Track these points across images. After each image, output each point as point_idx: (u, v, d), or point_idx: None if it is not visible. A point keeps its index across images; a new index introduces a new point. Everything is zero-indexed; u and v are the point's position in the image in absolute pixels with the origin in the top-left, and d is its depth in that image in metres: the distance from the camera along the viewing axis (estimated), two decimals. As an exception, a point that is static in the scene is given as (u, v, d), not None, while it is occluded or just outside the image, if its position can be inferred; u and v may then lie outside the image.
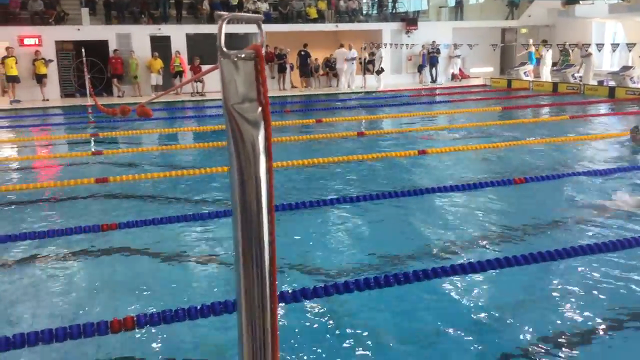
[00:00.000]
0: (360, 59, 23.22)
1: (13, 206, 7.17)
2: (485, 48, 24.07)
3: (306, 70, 23.05)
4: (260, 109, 0.87)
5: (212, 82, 21.24)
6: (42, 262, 5.27)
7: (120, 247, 5.48)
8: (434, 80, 24.13)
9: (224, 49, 0.84)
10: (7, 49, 19.27)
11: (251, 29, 23.12)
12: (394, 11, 25.83)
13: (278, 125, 13.24)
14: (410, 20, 24.74)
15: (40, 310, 4.39)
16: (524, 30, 26.18)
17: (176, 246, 5.57)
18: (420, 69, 24.31)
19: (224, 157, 9.43)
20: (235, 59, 0.85)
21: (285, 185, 7.74)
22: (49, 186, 7.67)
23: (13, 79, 19.29)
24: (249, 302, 0.91)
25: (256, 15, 0.87)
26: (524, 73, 22.86)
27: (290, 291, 4.05)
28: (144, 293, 4.63)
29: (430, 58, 24.05)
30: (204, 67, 21.36)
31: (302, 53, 22.89)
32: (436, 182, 7.70)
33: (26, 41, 20.08)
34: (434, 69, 24.20)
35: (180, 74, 21.31)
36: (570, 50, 21.17)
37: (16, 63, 19.14)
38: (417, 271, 4.31)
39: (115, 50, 20.83)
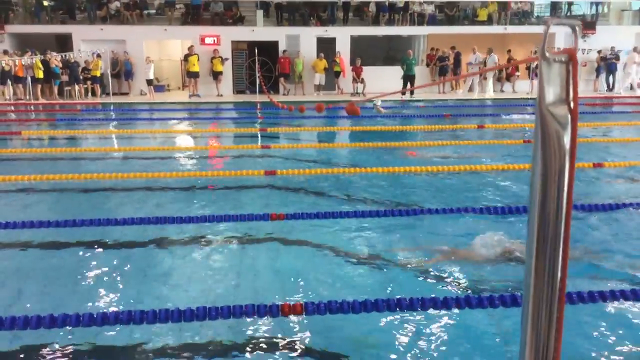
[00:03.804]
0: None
1: (190, 191, 7.85)
2: (674, 55, 21.66)
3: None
4: (568, 110, 0.90)
5: (371, 84, 21.55)
6: (216, 244, 5.70)
7: (288, 237, 5.76)
8: (610, 89, 22.25)
9: (546, 53, 0.88)
10: (189, 47, 21.19)
11: (415, 31, 23.15)
12: (569, 14, 24.22)
13: (436, 129, 13.05)
14: (587, 24, 23.03)
15: (212, 288, 4.76)
16: None
17: (341, 241, 5.72)
18: (596, 75, 22.55)
19: (377, 157, 9.55)
20: (553, 62, 0.88)
21: (439, 189, 7.64)
22: (224, 175, 8.30)
23: (194, 75, 21.18)
24: (536, 298, 0.94)
25: (574, 20, 0.91)
26: None
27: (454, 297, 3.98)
28: (306, 281, 4.82)
29: (607, 65, 22.21)
30: (365, 68, 21.75)
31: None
32: (614, 197, 7.09)
33: (206, 40, 21.91)
34: (611, 76, 22.32)
35: (338, 74, 21.92)
36: None
37: (198, 60, 20.97)
38: (592, 292, 4.00)
39: (284, 51, 21.95)
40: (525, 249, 0.96)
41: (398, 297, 3.83)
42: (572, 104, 0.91)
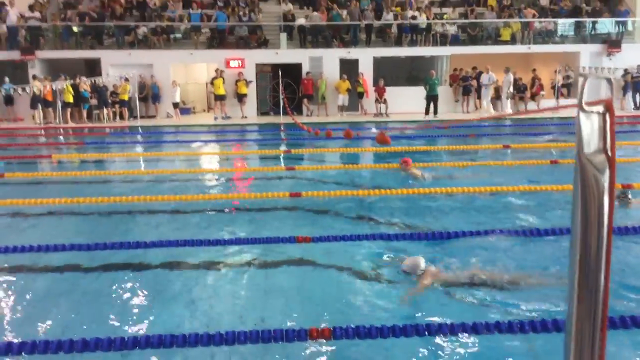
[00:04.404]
0: (553, 81, 22.11)
1: (216, 213, 7.93)
2: (703, 72, 21.31)
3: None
4: (606, 158, 0.94)
5: (394, 105, 21.62)
6: (243, 268, 5.74)
7: (314, 260, 5.77)
8: (638, 107, 21.96)
9: (584, 106, 0.92)
10: (216, 70, 21.54)
11: (437, 52, 23.18)
12: (593, 32, 24.04)
13: (460, 149, 13.00)
14: (612, 42, 22.85)
15: (240, 311, 4.79)
16: None
17: (368, 264, 5.71)
18: (623, 94, 22.30)
19: (403, 179, 9.52)
20: (590, 113, 0.92)
21: (466, 211, 7.60)
22: (249, 197, 8.37)
23: (220, 98, 21.50)
24: (579, 333, 0.99)
25: (609, 74, 0.95)
26: None
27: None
28: (333, 305, 4.82)
29: (634, 83, 21.96)
30: (388, 89, 21.85)
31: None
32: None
33: (231, 63, 22.25)
34: (637, 94, 22.05)
35: (361, 94, 22.06)
36: None
37: (223, 83, 21.30)
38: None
39: (307, 73, 22.16)
40: (568, 282, 1.00)
41: (427, 322, 3.81)
42: (609, 152, 0.95)
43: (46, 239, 6.44)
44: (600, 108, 0.95)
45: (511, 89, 21.42)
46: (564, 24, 24.18)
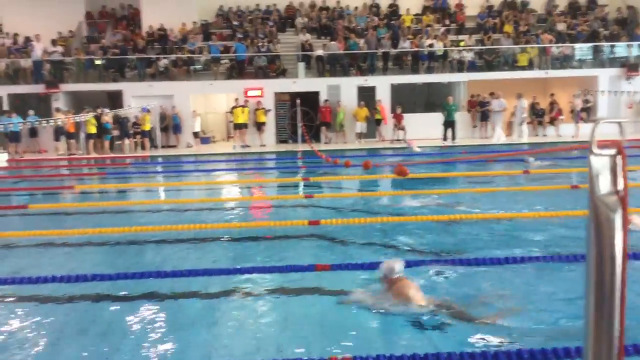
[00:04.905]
0: (572, 105, 22.04)
1: (235, 242, 7.95)
2: None
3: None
4: (618, 199, 0.96)
5: (413, 131, 21.68)
6: (262, 296, 5.73)
7: (334, 288, 5.75)
8: (659, 130, 21.78)
9: (594, 149, 0.95)
10: (236, 100, 21.87)
11: (454, 78, 23.26)
12: (611, 56, 23.98)
13: (481, 176, 12.94)
14: (631, 66, 22.75)
15: (259, 341, 4.77)
16: None
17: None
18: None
19: (422, 205, 9.48)
20: (601, 155, 0.95)
21: (489, 237, 7.53)
22: (268, 225, 8.40)
23: (239, 127, 21.76)
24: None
25: (621, 139, 1.01)
26: None
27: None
28: (353, 334, 4.79)
29: (655, 106, 21.82)
30: (406, 115, 21.97)
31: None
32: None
33: (250, 93, 22.57)
34: (659, 117, 21.87)
35: (379, 121, 22.19)
36: None
37: (242, 113, 21.58)
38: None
39: (325, 101, 22.38)
40: (584, 316, 1.02)
41: (448, 351, 3.77)
42: (621, 193, 0.98)
43: (68, 269, 6.52)
44: (611, 150, 0.97)
45: (525, 114, 21.29)
46: (582, 49, 24.15)
